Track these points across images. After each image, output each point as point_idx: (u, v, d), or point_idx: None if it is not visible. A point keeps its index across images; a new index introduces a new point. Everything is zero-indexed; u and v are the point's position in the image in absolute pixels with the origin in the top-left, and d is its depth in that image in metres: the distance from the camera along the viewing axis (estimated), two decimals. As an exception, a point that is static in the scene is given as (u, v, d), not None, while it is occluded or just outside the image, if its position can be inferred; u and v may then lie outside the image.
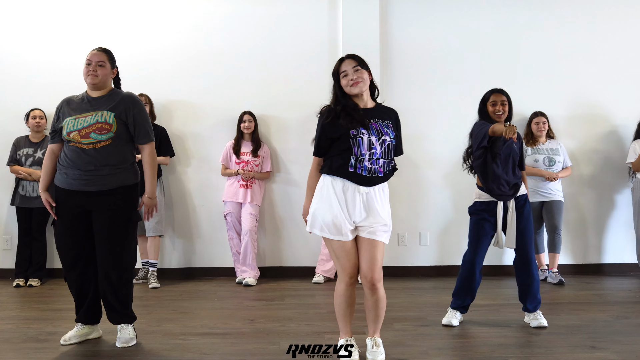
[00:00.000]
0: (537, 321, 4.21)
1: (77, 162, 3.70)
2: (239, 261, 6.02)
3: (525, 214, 4.23)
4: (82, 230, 3.75)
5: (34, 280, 5.97)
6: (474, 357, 3.58)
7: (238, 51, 6.41)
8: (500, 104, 4.21)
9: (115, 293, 3.76)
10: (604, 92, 6.53)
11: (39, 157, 6.08)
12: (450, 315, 4.33)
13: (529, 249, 4.22)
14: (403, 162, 6.25)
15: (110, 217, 3.72)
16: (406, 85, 6.40)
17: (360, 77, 3.33)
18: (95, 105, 3.77)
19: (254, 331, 4.18)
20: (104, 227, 3.72)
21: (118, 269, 3.75)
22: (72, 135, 3.69)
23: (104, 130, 3.69)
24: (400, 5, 6.46)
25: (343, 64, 3.38)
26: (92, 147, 3.68)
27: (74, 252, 3.76)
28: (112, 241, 3.73)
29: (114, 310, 3.81)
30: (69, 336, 3.84)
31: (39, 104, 6.24)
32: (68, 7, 6.40)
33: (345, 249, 3.33)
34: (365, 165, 3.27)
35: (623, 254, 6.51)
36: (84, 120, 3.70)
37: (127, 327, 3.83)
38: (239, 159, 6.09)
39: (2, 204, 6.38)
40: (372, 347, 3.39)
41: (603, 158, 6.56)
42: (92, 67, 3.79)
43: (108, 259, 3.73)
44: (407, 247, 6.46)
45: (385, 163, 3.33)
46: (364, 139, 3.27)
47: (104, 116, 3.72)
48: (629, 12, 6.58)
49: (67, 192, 3.74)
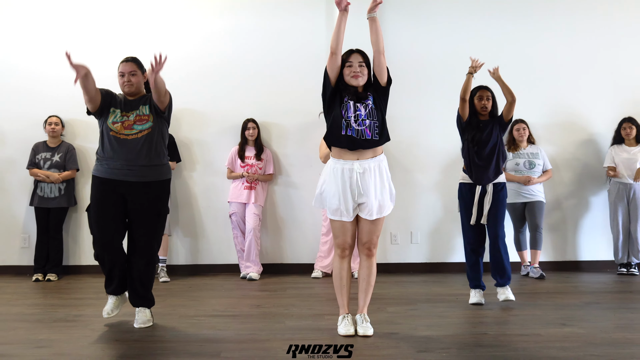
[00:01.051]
0: (504, 295, 4.77)
1: (119, 153, 4.06)
2: (243, 257, 6.47)
3: (501, 199, 4.81)
4: (116, 214, 4.11)
5: (52, 275, 6.37)
6: (457, 331, 4.05)
7: (242, 63, 6.89)
8: (485, 99, 4.85)
9: (140, 277, 4.16)
10: (581, 102, 7.03)
11: (56, 160, 6.52)
12: (473, 295, 4.87)
13: (499, 230, 4.79)
14: (396, 166, 6.78)
15: (144, 208, 4.11)
16: (398, 94, 6.82)
17: (362, 73, 3.85)
18: (134, 107, 4.18)
19: (261, 313, 4.64)
20: (137, 217, 4.12)
21: (146, 256, 4.15)
22: (116, 125, 4.08)
23: (143, 121, 4.11)
24: (393, 20, 6.96)
25: (352, 56, 3.90)
26: (135, 136, 4.07)
27: (109, 236, 4.11)
28: (143, 230, 4.13)
29: (136, 293, 4.20)
30: (110, 309, 4.21)
31: (54, 112, 6.70)
32: (83, 23, 6.85)
33: (343, 228, 3.85)
34: (353, 127, 3.77)
35: (599, 251, 6.98)
36: (127, 117, 4.12)
37: (145, 310, 4.22)
38: (244, 162, 6.55)
39: (20, 205, 6.80)
40: (362, 322, 3.86)
41: (581, 163, 7.05)
42: (126, 78, 4.20)
43: (137, 246, 4.13)
44: (400, 245, 6.91)
45: (371, 124, 3.81)
46: (350, 104, 3.81)
47: (142, 110, 4.15)
48: (607, 25, 7.08)
49: (105, 180, 4.10)
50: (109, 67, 6.78)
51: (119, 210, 4.14)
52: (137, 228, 4.15)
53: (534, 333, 3.92)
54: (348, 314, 3.91)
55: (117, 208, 4.13)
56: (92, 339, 3.83)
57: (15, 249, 6.79)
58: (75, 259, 6.81)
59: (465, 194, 4.87)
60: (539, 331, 3.98)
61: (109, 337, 3.90)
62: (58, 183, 6.49)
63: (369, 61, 3.93)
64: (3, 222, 6.79)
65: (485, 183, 4.79)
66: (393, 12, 6.95)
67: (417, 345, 3.61)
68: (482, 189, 4.79)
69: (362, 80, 3.87)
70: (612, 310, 4.72)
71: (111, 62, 6.78)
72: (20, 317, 4.55)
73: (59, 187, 6.51)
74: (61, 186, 6.52)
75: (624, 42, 7.09)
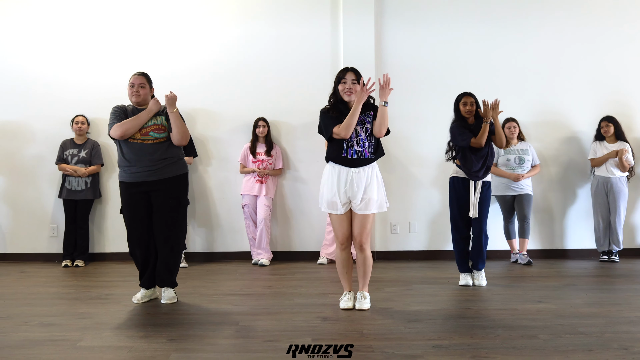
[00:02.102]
0: (478, 281, 5.42)
1: (139, 158, 4.60)
2: (255, 245, 7.04)
3: (487, 197, 5.39)
4: (145, 214, 4.67)
5: (80, 262, 6.95)
6: (445, 306, 4.61)
7: (254, 67, 7.46)
8: (469, 104, 5.39)
9: (166, 262, 4.71)
10: (566, 102, 7.57)
11: (83, 156, 7.09)
12: (463, 278, 5.44)
13: (483, 225, 5.39)
14: (395, 162, 7.35)
15: (165, 200, 4.66)
16: (397, 95, 7.35)
17: (354, 89, 4.37)
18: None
19: (272, 292, 5.21)
20: (160, 209, 4.66)
21: (170, 242, 4.69)
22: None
23: (160, 130, 4.66)
24: (392, 28, 7.51)
25: (347, 74, 4.42)
26: (151, 142, 4.62)
27: (139, 234, 4.67)
28: (166, 220, 4.66)
29: (161, 276, 4.74)
30: (139, 297, 4.75)
31: (81, 112, 7.28)
32: (108, 32, 7.43)
33: (339, 221, 4.39)
34: (355, 148, 4.31)
35: (584, 240, 7.52)
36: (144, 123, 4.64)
37: (170, 289, 4.78)
38: (255, 158, 7.11)
39: (49, 198, 7.39)
40: (360, 298, 4.44)
41: (567, 158, 7.58)
42: (135, 89, 4.75)
43: (163, 234, 4.66)
44: (399, 234, 7.46)
45: (369, 145, 4.35)
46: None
47: (159, 119, 4.69)
48: (590, 33, 7.61)
49: (130, 184, 4.66)
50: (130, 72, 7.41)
51: (147, 210, 4.68)
52: (160, 219, 4.66)
53: (511, 308, 4.48)
54: (350, 292, 4.48)
55: (144, 208, 4.68)
56: (126, 312, 4.41)
57: (44, 237, 7.39)
58: (100, 246, 7.40)
59: (457, 187, 5.41)
60: (516, 306, 4.53)
61: (140, 311, 4.47)
62: (84, 177, 7.06)
63: (361, 77, 4.44)
64: (34, 213, 7.38)
65: (477, 179, 5.34)
66: (392, 18, 7.51)
67: (408, 317, 4.17)
68: (474, 184, 5.34)
69: (355, 96, 4.36)
70: (585, 291, 5.25)
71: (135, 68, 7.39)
72: (58, 296, 5.15)
73: (85, 180, 7.08)
74: (87, 180, 7.10)
75: (605, 48, 7.62)
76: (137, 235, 4.69)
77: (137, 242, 4.71)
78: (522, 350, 3.35)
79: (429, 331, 3.79)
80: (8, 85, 7.39)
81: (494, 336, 3.65)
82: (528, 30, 7.61)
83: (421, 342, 3.51)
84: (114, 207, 7.33)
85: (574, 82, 7.59)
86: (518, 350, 3.35)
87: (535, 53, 7.59)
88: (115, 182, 7.28)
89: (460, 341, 3.54)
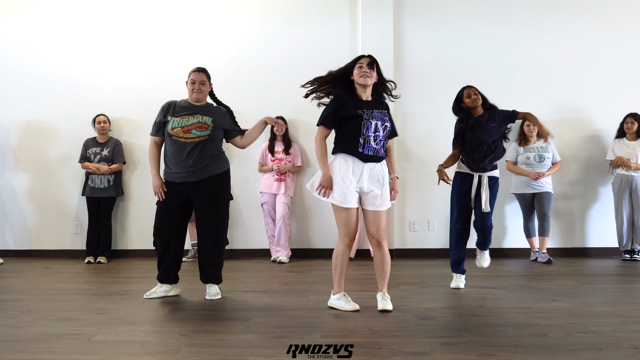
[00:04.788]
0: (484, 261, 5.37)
1: (180, 158, 4.66)
2: (274, 243, 7.10)
3: (494, 192, 5.22)
4: (176, 210, 4.75)
5: (102, 258, 7.08)
6: (458, 304, 4.61)
7: (272, 66, 7.52)
8: (473, 94, 5.23)
9: (209, 257, 4.78)
10: (586, 99, 7.50)
11: (105, 154, 7.22)
12: (456, 279, 5.30)
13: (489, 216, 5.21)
14: (414, 159, 7.36)
15: (205, 199, 4.72)
16: (415, 92, 7.44)
17: (371, 74, 4.28)
18: (197, 110, 4.76)
19: (287, 290, 5.26)
20: (201, 207, 4.73)
21: (212, 239, 4.75)
22: (176, 130, 4.66)
23: (203, 129, 4.69)
24: (411, 27, 7.51)
25: (362, 59, 4.32)
26: (192, 141, 4.66)
27: (164, 226, 4.74)
28: (207, 217, 4.73)
29: (205, 271, 4.82)
30: (151, 291, 4.84)
31: (102, 111, 7.40)
32: (130, 32, 7.56)
33: (349, 216, 4.27)
34: (372, 145, 4.21)
35: (606, 238, 7.45)
36: (187, 120, 4.69)
37: (214, 285, 4.85)
38: (274, 156, 7.17)
39: (72, 196, 7.53)
40: (382, 299, 4.35)
41: (587, 155, 7.52)
42: (196, 85, 4.81)
43: (205, 231, 4.74)
44: (418, 232, 7.46)
45: (384, 143, 4.30)
46: (372, 123, 4.23)
47: (204, 119, 4.73)
48: (609, 25, 7.53)
49: (171, 183, 4.75)
50: (156, 72, 7.52)
51: (180, 208, 4.77)
52: (202, 216, 4.74)
53: (524, 306, 4.46)
54: (345, 293, 4.40)
55: (178, 206, 4.76)
56: (143, 308, 4.49)
57: (68, 234, 7.54)
58: (122, 243, 7.53)
59: (460, 182, 5.27)
60: (529, 305, 4.52)
61: (156, 307, 4.54)
62: (107, 175, 7.18)
63: (378, 65, 4.34)
64: (58, 211, 7.53)
65: (482, 172, 5.18)
66: (410, 17, 7.51)
67: (420, 314, 4.19)
68: (478, 179, 5.20)
69: (371, 80, 4.27)
70: (603, 290, 5.20)
71: (158, 67, 7.53)
72: (78, 292, 5.25)
73: (108, 178, 7.20)
74: (110, 178, 7.22)
75: (625, 41, 7.53)
76: (163, 228, 4.75)
77: (161, 233, 4.76)
78: (530, 348, 3.35)
79: (438, 329, 3.81)
80: (33, 85, 7.55)
81: (504, 334, 3.65)
82: (545, 26, 7.55)
83: (429, 340, 3.53)
84: (137, 205, 7.45)
85: (592, 79, 7.52)
86: (526, 348, 3.35)
87: (553, 50, 7.53)
88: (137, 179, 7.48)
89: (468, 339, 3.55)
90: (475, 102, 5.23)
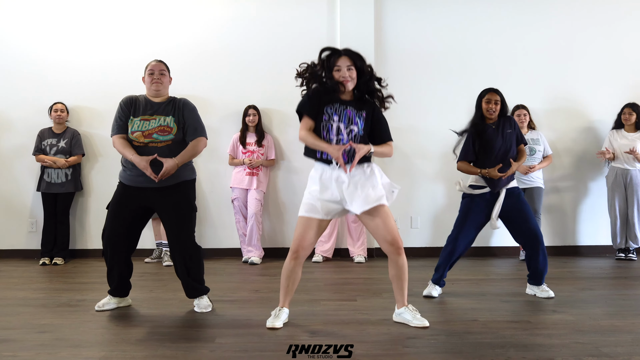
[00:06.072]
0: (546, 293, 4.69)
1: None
2: (245, 242, 6.58)
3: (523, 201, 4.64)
4: (130, 217, 4.19)
5: (59, 259, 6.53)
6: (449, 317, 4.14)
7: (243, 51, 6.96)
8: (493, 102, 4.64)
9: (188, 272, 4.27)
10: (581, 88, 7.07)
11: (62, 146, 6.64)
12: (430, 288, 4.83)
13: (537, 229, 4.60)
14: (396, 152, 6.79)
15: (175, 209, 4.18)
16: (398, 82, 6.84)
17: (350, 77, 3.73)
18: (157, 110, 4.21)
19: (259, 299, 4.75)
20: (165, 219, 4.21)
21: (188, 251, 4.24)
22: (136, 135, 4.12)
23: (165, 132, 4.15)
24: (393, 9, 7.00)
25: (340, 60, 3.73)
26: (155, 146, 4.12)
27: (116, 236, 4.18)
28: (179, 229, 4.19)
29: (188, 286, 4.32)
30: (102, 303, 4.33)
31: (59, 99, 6.80)
32: (88, 9, 6.95)
33: (304, 227, 3.74)
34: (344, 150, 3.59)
35: (599, 236, 7.05)
36: (148, 123, 4.14)
37: (204, 297, 4.36)
38: (245, 149, 6.64)
39: (27, 191, 6.95)
40: (414, 316, 3.82)
41: (581, 149, 7.09)
42: (155, 76, 4.25)
43: (179, 245, 4.21)
44: (400, 229, 6.96)
45: (350, 149, 3.62)
46: (333, 126, 3.69)
47: (166, 120, 4.17)
48: (607, 14, 7.09)
49: (128, 187, 4.19)
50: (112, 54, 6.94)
51: (135, 215, 4.22)
52: (168, 229, 4.23)
53: (523, 320, 4.01)
54: (282, 308, 3.89)
55: (133, 215, 4.21)
56: (92, 324, 3.96)
57: (23, 233, 6.97)
58: (82, 243, 6.97)
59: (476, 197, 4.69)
60: (528, 318, 4.06)
61: (108, 322, 4.01)
62: (64, 168, 6.61)
63: (360, 57, 3.76)
64: (11, 208, 6.95)
65: (500, 188, 4.63)
66: (394, 7, 6.99)
67: (407, 332, 3.70)
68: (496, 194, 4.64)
69: (352, 84, 3.75)
70: (604, 298, 4.77)
71: (114, 49, 6.94)
72: (24, 302, 4.68)
73: (65, 172, 6.63)
74: (67, 172, 6.64)
75: (622, 28, 7.11)
76: (114, 237, 4.20)
77: (111, 242, 4.21)
78: (538, 380, 2.89)
79: (429, 352, 3.32)
80: (-18, 70, 6.91)
81: (505, 358, 3.18)
82: (539, 11, 7.08)
83: (421, 368, 3.06)
84: (97, 201, 6.89)
85: (588, 67, 7.08)
86: (533, 379, 2.89)
87: (547, 35, 7.07)
88: (97, 173, 6.91)
89: (465, 366, 3.08)
90: (490, 113, 4.66)
